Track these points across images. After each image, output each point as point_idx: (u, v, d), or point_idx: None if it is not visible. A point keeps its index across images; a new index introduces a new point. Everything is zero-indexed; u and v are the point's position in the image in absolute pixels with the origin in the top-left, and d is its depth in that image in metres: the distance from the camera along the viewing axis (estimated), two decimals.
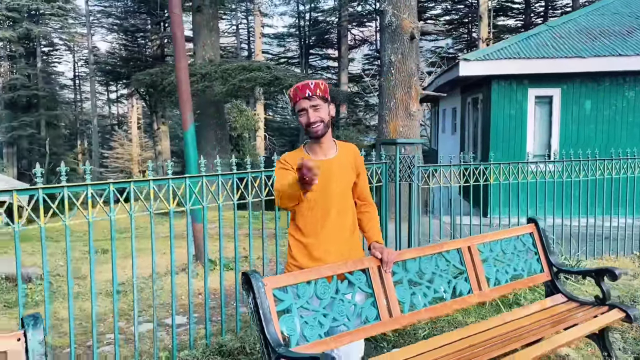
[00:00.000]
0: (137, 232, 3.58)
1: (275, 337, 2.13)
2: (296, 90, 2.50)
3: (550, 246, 3.37)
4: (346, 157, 2.63)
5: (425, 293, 2.77)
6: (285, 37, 39.40)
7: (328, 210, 2.53)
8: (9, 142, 34.92)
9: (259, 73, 10.78)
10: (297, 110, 2.52)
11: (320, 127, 2.50)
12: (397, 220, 5.31)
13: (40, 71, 36.90)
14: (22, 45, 36.77)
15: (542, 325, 2.88)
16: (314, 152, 2.59)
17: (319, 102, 2.50)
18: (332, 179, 2.55)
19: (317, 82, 2.54)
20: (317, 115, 2.48)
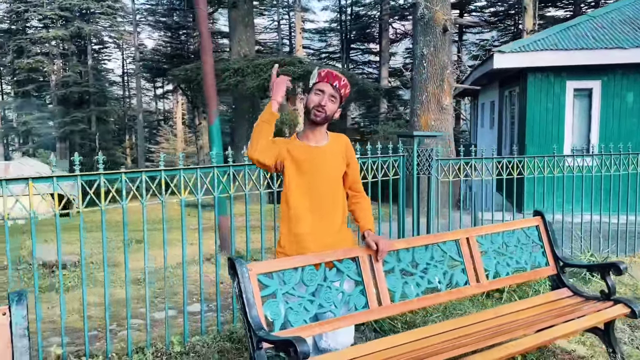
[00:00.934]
0: (167, 225, 3.79)
1: (257, 320, 2.20)
2: (329, 74, 2.58)
3: (556, 240, 3.30)
4: (337, 146, 2.68)
5: (418, 283, 2.78)
6: (326, 32, 39.41)
7: (318, 197, 2.58)
8: (61, 137, 36.42)
9: (291, 67, 10.89)
10: (316, 88, 2.58)
11: (323, 116, 2.58)
12: (416, 214, 5.29)
13: (91, 68, 38.28)
14: (73, 44, 38.26)
15: (540, 319, 2.83)
16: (307, 139, 2.64)
17: (337, 97, 2.60)
18: (323, 166, 2.60)
19: (347, 83, 2.66)
20: (329, 106, 2.56)
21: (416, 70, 10.40)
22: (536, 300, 3.15)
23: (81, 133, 36.84)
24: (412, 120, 10.56)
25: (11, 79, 40.37)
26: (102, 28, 40.50)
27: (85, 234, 8.60)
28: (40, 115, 36.75)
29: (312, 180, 2.58)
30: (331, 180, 2.63)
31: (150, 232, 3.73)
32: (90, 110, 37.39)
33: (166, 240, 3.70)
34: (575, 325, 2.77)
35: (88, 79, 38.01)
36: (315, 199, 2.58)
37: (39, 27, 38.97)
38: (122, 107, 43.32)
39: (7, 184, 3.04)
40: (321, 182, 2.59)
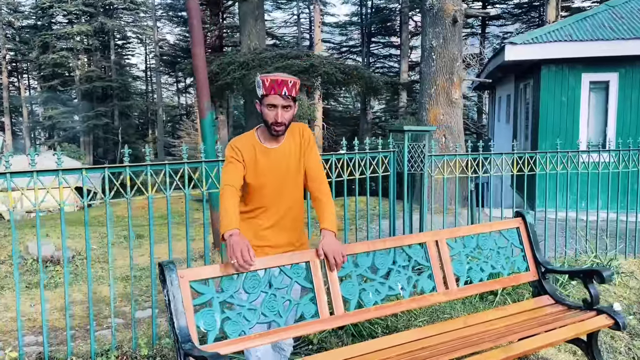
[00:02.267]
0: (173, 220, 3.76)
1: (185, 332, 2.05)
2: (273, 83, 2.41)
3: (538, 243, 3.06)
4: (293, 140, 2.58)
5: (377, 290, 2.59)
6: (346, 25, 39.07)
7: (278, 198, 2.52)
8: (85, 131, 36.93)
9: (295, 61, 10.71)
10: (267, 103, 2.44)
11: (282, 130, 2.48)
12: (408, 212, 5.07)
13: (114, 63, 38.73)
14: (97, 39, 38.74)
15: (512, 330, 2.61)
16: (267, 139, 2.54)
17: (291, 103, 2.47)
18: (281, 167, 2.52)
19: (295, 81, 2.50)
20: (285, 117, 2.45)
21: (425, 63, 10.12)
22: (513, 308, 2.92)
23: (104, 127, 37.33)
24: (420, 114, 10.29)
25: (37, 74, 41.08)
26: (125, 23, 40.93)
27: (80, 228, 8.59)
28: (65, 109, 37.38)
29: (271, 180, 2.51)
30: (289, 179, 2.54)
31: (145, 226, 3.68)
32: (113, 104, 37.87)
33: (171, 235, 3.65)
34: (552, 337, 2.55)
35: (111, 74, 38.47)
36: (275, 198, 2.52)
37: (63, 23, 39.57)
38: (145, 102, 43.73)
39: (39, 175, 3.13)
40: (281, 183, 2.52)
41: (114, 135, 37.38)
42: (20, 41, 40.36)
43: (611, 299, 4.77)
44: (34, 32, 39.04)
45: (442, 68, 9.76)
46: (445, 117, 9.85)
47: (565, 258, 5.49)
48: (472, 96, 31.90)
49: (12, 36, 40.60)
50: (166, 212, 3.65)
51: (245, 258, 2.17)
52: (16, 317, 4.72)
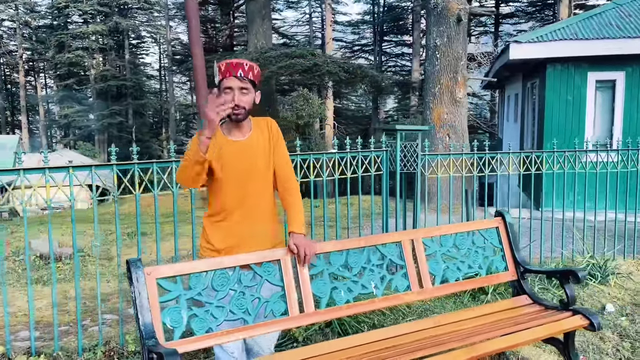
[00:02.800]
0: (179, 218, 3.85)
1: (149, 329, 2.09)
2: (228, 66, 2.37)
3: (518, 243, 3.06)
4: (261, 134, 2.53)
5: (350, 288, 2.60)
6: (359, 24, 39.00)
7: (244, 192, 2.45)
8: (100, 130, 37.37)
9: (299, 60, 10.74)
10: (224, 87, 2.38)
11: (242, 114, 2.42)
12: (402, 211, 5.08)
13: (128, 62, 39.15)
14: (112, 39, 39.16)
15: (484, 329, 2.61)
16: (231, 133, 2.49)
17: (249, 85, 2.41)
18: (247, 160, 2.45)
19: (252, 65, 2.45)
20: (243, 100, 2.39)
21: (429, 62, 10.10)
22: (489, 308, 2.92)
23: (119, 126, 37.74)
24: (425, 113, 10.26)
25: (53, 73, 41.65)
26: (139, 23, 41.32)
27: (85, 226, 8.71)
28: (81, 108, 37.85)
29: (238, 174, 2.44)
30: (258, 173, 2.48)
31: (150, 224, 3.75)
32: (127, 103, 38.27)
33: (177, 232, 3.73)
34: (522, 337, 2.54)
35: (125, 73, 38.88)
36: (241, 192, 2.45)
37: (79, 23, 40.07)
38: (158, 101, 44.09)
39: (51, 172, 3.22)
40: (247, 176, 2.45)
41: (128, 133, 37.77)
42: (36, 40, 40.96)
43: (605, 299, 4.72)
44: (50, 31, 39.60)
45: (446, 67, 9.73)
46: (449, 116, 9.82)
47: (561, 258, 5.45)
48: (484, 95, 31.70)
49: (29, 36, 41.22)
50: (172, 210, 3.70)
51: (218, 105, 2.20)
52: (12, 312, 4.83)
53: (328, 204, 9.21)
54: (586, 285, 4.94)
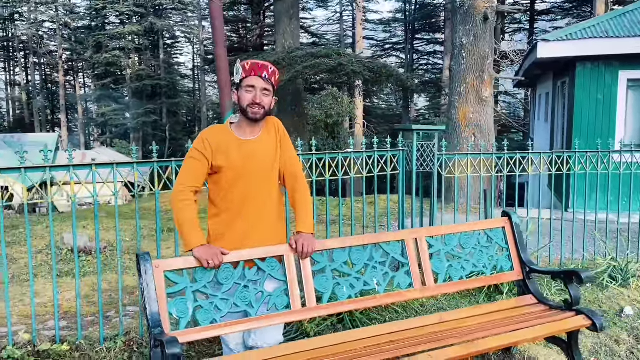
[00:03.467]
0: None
1: (156, 318, 2.21)
2: (254, 65, 2.45)
3: (524, 243, 3.08)
4: (269, 134, 2.59)
5: (352, 284, 2.68)
6: (390, 22, 38.82)
7: (249, 193, 2.50)
8: (135, 128, 38.26)
9: (325, 60, 10.81)
10: (246, 85, 2.46)
11: (261, 113, 2.49)
12: (418, 211, 5.12)
13: (163, 62, 39.94)
14: (147, 39, 40.05)
15: (485, 327, 2.65)
16: (242, 131, 2.54)
17: (270, 88, 2.50)
18: (254, 160, 2.51)
19: (275, 70, 2.54)
20: (264, 101, 2.47)
21: (455, 61, 10.04)
22: (493, 306, 2.95)
23: (153, 124, 38.56)
24: (450, 112, 10.21)
25: (91, 73, 42.84)
26: (173, 23, 42.11)
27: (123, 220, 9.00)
28: (117, 107, 38.82)
29: (244, 175, 2.49)
30: (264, 174, 2.53)
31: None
32: (161, 102, 39.08)
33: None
34: (521, 335, 2.57)
35: (160, 73, 39.69)
36: (246, 194, 2.50)
37: (116, 23, 41.11)
38: (192, 100, 44.82)
39: (97, 168, 3.43)
40: (253, 177, 2.51)
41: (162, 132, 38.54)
42: (75, 41, 42.18)
43: (624, 302, 4.67)
44: (88, 32, 40.76)
45: (473, 66, 9.66)
46: (475, 116, 9.75)
47: (582, 260, 5.39)
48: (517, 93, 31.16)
49: (69, 36, 42.47)
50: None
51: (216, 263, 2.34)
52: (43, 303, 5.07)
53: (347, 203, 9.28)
54: (606, 287, 4.89)
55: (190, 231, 2.36)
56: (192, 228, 2.36)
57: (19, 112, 45.33)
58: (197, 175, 2.46)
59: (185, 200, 2.40)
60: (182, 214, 2.38)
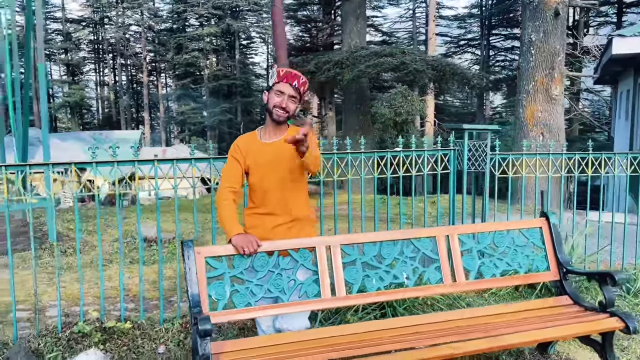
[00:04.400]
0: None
1: (196, 299, 2.45)
2: (287, 74, 2.71)
3: (561, 244, 3.07)
4: (294, 134, 2.79)
5: (381, 277, 2.81)
6: (465, 18, 37.94)
7: (278, 188, 2.73)
8: (212, 126, 39.82)
9: (387, 59, 10.83)
10: (277, 89, 2.72)
11: (284, 116, 2.74)
12: (466, 212, 5.12)
13: (238, 62, 41.26)
14: (224, 40, 41.52)
15: (509, 325, 2.70)
16: (268, 135, 2.79)
17: (297, 96, 2.76)
18: (281, 160, 2.74)
19: (305, 81, 2.80)
20: (290, 107, 2.72)
21: (523, 58, 9.79)
22: (526, 305, 2.98)
23: (228, 122, 39.94)
24: (517, 111, 9.97)
25: (172, 73, 44.97)
26: (249, 24, 43.35)
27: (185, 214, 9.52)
28: (195, 106, 40.56)
29: (273, 174, 2.72)
30: (290, 172, 2.74)
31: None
32: (236, 101, 40.39)
33: None
34: (550, 333, 2.60)
35: (235, 73, 41.04)
36: (275, 189, 2.72)
37: (195, 25, 42.91)
38: None
39: (178, 163, 3.76)
40: (281, 174, 2.73)
41: (237, 129, 39.83)
42: (158, 43, 44.42)
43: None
44: (170, 34, 42.82)
45: (542, 63, 9.38)
46: (543, 115, 9.46)
47: (634, 264, 5.18)
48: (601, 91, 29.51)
49: (152, 39, 44.82)
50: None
51: (251, 250, 2.54)
52: (115, 287, 5.54)
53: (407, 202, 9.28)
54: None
55: (230, 224, 2.62)
56: (231, 222, 2.62)
57: (107, 110, 48.36)
58: (234, 177, 2.74)
59: (224, 200, 2.68)
60: (222, 211, 2.66)
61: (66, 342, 3.65)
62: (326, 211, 4.80)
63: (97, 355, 3.57)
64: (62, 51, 44.69)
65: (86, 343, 3.67)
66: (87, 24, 45.95)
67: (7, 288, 4.44)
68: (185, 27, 43.44)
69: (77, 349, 3.62)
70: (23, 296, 5.08)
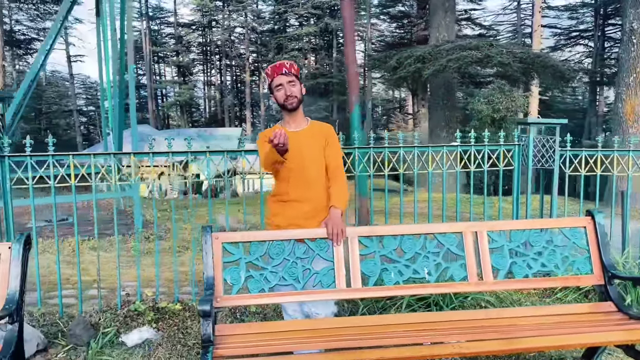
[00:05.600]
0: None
1: (210, 281, 2.56)
2: (273, 68, 2.84)
3: (607, 246, 2.81)
4: (317, 131, 2.92)
5: (401, 271, 2.74)
6: (577, 8, 35.47)
7: (302, 176, 2.81)
8: None
9: (472, 52, 10.35)
10: (275, 86, 2.85)
11: (295, 101, 2.85)
12: (530, 212, 4.83)
13: (335, 61, 41.69)
14: (322, 39, 42.17)
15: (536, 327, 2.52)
16: (288, 126, 2.91)
17: (294, 78, 2.85)
18: (303, 148, 2.83)
19: (292, 63, 2.90)
20: (293, 90, 2.82)
21: (623, 48, 9.01)
22: (561, 309, 2.76)
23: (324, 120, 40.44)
24: (615, 106, 9.19)
25: None
26: None
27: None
28: None
29: (296, 160, 2.79)
30: (313, 159, 2.83)
31: None
32: (332, 99, 40.88)
33: None
34: (575, 339, 2.40)
35: (332, 71, 41.53)
36: (300, 176, 2.80)
37: (295, 26, 44.00)
38: (362, 96, 46.04)
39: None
40: (304, 161, 2.81)
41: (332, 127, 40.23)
42: (260, 44, 46.08)
43: None
44: (271, 35, 44.27)
45: None
46: None
47: None
48: None
49: (255, 40, 46.58)
50: None
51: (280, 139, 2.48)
52: (185, 271, 5.86)
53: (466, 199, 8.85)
54: None
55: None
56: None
57: (213, 108, 51.01)
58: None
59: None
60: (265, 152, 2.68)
61: (123, 318, 3.94)
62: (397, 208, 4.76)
63: (149, 332, 3.83)
64: (174, 54, 47.74)
65: (140, 321, 3.95)
66: (197, 28, 48.70)
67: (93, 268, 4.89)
68: (286, 27, 44.66)
69: (132, 325, 3.90)
70: (104, 275, 5.54)
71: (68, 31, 39.59)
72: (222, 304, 2.57)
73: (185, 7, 52.26)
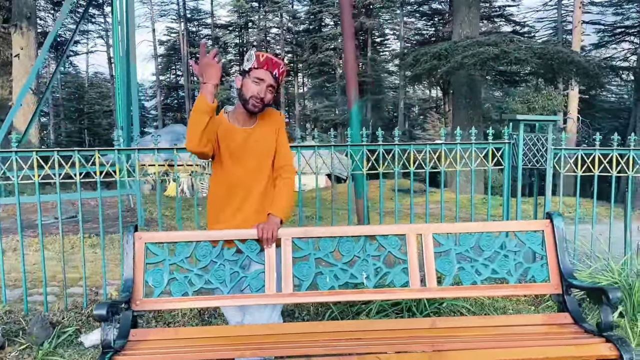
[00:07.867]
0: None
1: (128, 284, 2.44)
2: (268, 60, 2.50)
3: (565, 252, 2.55)
4: (268, 127, 2.64)
5: (337, 275, 2.56)
6: (623, 3, 33.98)
7: (242, 179, 2.58)
8: (342, 123, 40.49)
9: (488, 48, 9.92)
10: (255, 76, 2.49)
11: (260, 107, 2.56)
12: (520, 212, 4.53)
13: (370, 60, 41.36)
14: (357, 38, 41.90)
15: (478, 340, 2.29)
16: (237, 120, 2.62)
17: (275, 86, 2.56)
18: (248, 150, 2.59)
19: (285, 70, 2.61)
20: (267, 97, 2.54)
21: None
22: (509, 319, 2.51)
23: None
24: (636, 110, 8.66)
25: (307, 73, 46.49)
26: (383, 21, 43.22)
27: None
28: (328, 103, 41.55)
29: (238, 163, 2.58)
30: (257, 163, 2.60)
31: None
32: (366, 98, 40.57)
33: None
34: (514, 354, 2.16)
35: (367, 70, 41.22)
36: (239, 180, 2.58)
37: (330, 25, 43.89)
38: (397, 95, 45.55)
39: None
40: (247, 165, 2.58)
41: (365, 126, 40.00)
42: (295, 44, 46.20)
43: None
44: (306, 35, 44.31)
45: None
46: None
47: None
48: None
49: (290, 40, 46.72)
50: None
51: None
52: None
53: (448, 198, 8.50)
54: None
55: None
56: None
57: None
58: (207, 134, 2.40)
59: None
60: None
61: (86, 318, 3.90)
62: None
63: None
64: None
65: None
66: (234, 29, 49.22)
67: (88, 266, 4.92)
68: (321, 27, 44.59)
69: (94, 325, 3.85)
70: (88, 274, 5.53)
71: (109, 33, 40.66)
72: (142, 307, 2.45)
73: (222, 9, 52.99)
